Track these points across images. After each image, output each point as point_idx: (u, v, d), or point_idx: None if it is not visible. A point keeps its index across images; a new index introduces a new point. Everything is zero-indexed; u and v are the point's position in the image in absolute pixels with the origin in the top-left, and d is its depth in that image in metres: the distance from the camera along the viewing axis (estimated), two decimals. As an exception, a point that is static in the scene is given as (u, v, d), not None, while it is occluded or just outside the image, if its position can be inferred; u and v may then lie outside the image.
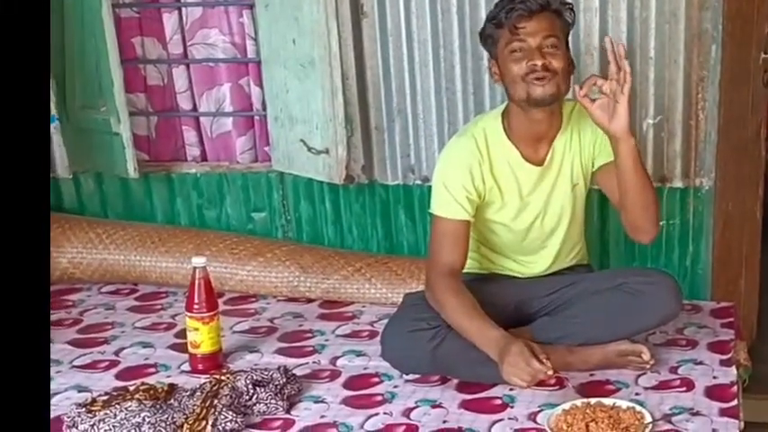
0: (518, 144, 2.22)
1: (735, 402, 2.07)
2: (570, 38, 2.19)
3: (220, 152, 3.19)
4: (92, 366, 2.42)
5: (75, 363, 2.44)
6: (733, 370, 2.23)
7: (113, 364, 2.43)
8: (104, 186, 3.27)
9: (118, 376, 2.36)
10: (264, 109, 3.07)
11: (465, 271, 2.37)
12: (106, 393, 2.19)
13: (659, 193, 2.71)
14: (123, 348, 2.53)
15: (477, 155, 2.19)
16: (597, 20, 2.62)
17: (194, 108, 3.17)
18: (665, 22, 2.60)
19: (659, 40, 2.62)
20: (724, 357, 2.29)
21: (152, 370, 2.39)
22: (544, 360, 1.97)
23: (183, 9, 3.07)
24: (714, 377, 2.19)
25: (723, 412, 2.02)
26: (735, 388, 2.14)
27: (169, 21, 3.09)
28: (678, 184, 2.71)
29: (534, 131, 2.20)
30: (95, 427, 1.99)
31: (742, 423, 2.04)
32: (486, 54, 2.65)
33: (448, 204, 2.20)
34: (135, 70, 3.16)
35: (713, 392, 2.12)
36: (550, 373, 1.97)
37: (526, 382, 1.98)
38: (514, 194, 2.24)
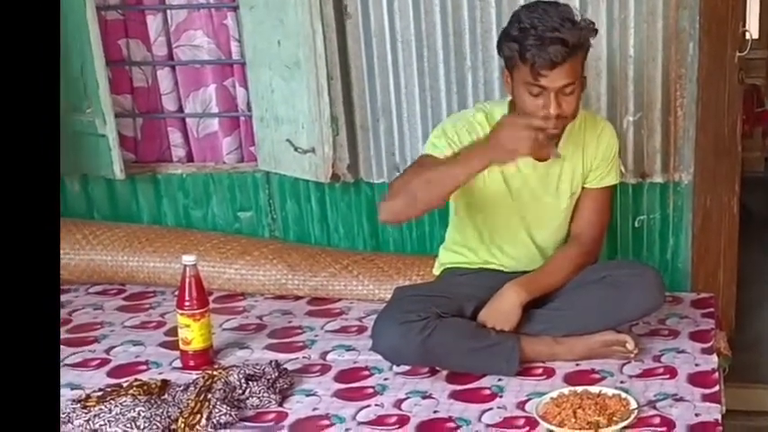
0: None
1: (716, 388, 2.13)
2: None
3: (206, 153, 3.21)
4: (83, 365, 2.43)
5: (67, 361, 2.44)
6: (714, 357, 2.29)
7: (104, 362, 2.45)
8: (90, 188, 3.27)
9: (110, 374, 2.37)
10: (249, 110, 3.10)
11: (453, 266, 2.42)
12: (100, 390, 2.21)
13: (639, 190, 2.79)
14: (114, 347, 2.54)
15: (486, 126, 2.21)
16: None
17: (180, 109, 3.20)
18: (643, 22, 2.66)
19: (638, 39, 2.67)
20: (705, 346, 2.35)
21: (143, 367, 2.40)
22: None
23: (168, 11, 3.09)
24: (696, 365, 2.25)
25: (705, 398, 2.08)
26: (716, 374, 2.20)
27: (153, 23, 3.11)
28: (658, 179, 2.76)
29: None
30: (91, 422, 2.00)
31: (724, 408, 2.10)
32: (468, 51, 2.75)
33: (439, 146, 2.21)
34: (121, 72, 3.18)
35: (695, 379, 2.17)
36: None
37: (528, 144, 1.98)
38: (515, 173, 2.28)
